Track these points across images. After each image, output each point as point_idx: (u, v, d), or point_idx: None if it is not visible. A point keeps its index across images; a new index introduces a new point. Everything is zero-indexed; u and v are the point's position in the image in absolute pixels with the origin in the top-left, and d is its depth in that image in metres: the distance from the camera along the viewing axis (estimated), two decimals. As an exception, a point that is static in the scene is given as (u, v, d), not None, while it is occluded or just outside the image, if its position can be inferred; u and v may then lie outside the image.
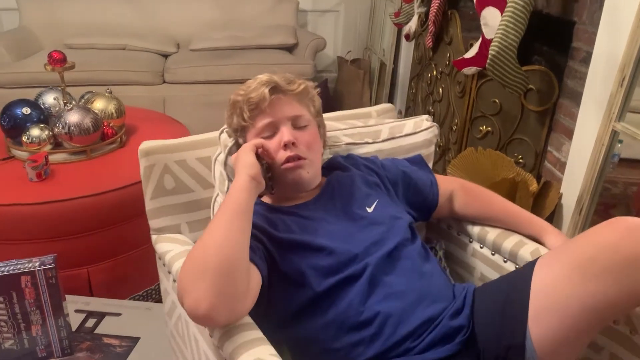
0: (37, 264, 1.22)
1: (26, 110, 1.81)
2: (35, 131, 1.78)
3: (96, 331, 1.41)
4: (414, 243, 1.03)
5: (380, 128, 1.28)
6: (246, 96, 1.04)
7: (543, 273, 0.87)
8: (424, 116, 1.34)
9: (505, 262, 1.12)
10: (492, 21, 1.63)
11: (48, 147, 1.79)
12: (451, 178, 1.27)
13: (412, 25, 2.52)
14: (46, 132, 1.79)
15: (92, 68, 2.95)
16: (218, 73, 3.11)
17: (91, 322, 1.44)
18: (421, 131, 1.30)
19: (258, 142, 1.01)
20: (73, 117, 1.78)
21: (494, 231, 1.15)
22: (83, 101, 2.01)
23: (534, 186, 1.67)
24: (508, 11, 1.51)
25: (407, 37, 2.63)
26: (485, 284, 1.03)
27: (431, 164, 1.32)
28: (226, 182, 1.08)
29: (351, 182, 1.09)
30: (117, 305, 1.54)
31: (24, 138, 1.77)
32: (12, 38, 3.25)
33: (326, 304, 0.92)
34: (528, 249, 1.07)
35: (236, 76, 3.04)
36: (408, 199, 1.16)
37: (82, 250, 1.64)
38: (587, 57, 1.49)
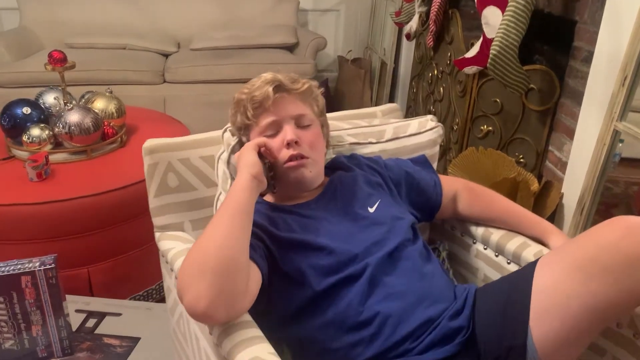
0: (38, 264, 1.22)
1: (26, 109, 1.81)
2: (35, 131, 1.78)
3: (96, 331, 1.41)
4: (416, 243, 1.03)
5: (384, 128, 1.28)
6: (250, 94, 1.04)
7: (544, 273, 0.87)
8: (429, 116, 1.33)
9: (508, 264, 1.12)
10: (493, 20, 1.63)
11: (48, 147, 1.79)
12: (455, 178, 1.27)
13: (413, 24, 2.52)
14: (46, 132, 1.79)
15: (93, 68, 2.95)
16: (219, 72, 3.11)
17: (91, 322, 1.44)
18: (426, 131, 1.30)
19: (261, 141, 1.01)
20: (73, 117, 1.78)
21: (498, 232, 1.15)
22: (83, 101, 2.01)
23: (535, 186, 1.66)
24: (509, 10, 1.51)
25: (408, 37, 2.63)
26: (486, 285, 1.03)
27: (435, 165, 1.31)
28: (229, 181, 1.08)
29: (353, 182, 1.09)
30: (118, 305, 1.54)
31: (25, 138, 1.77)
32: (13, 37, 3.24)
33: (326, 304, 0.92)
34: (532, 251, 1.07)
35: (237, 76, 3.05)
36: (411, 199, 1.16)
37: (83, 250, 1.64)
38: (589, 57, 1.49)
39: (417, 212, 1.15)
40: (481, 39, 1.74)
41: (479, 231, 1.18)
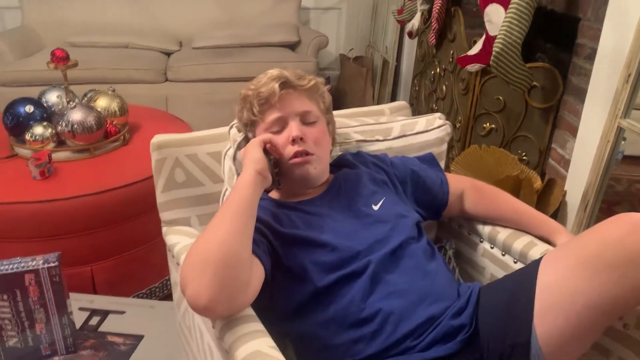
0: (41, 262, 1.22)
1: (29, 108, 1.81)
2: (38, 129, 1.78)
3: (100, 329, 1.41)
4: (420, 241, 1.03)
5: (391, 126, 1.27)
6: (256, 90, 1.04)
7: (548, 270, 0.87)
8: (437, 114, 1.32)
9: (515, 263, 1.12)
10: (496, 18, 1.63)
11: (51, 145, 1.80)
12: (462, 177, 1.26)
13: (415, 22, 2.52)
14: (49, 130, 1.79)
15: (95, 66, 2.95)
16: (220, 71, 3.11)
17: (95, 320, 1.44)
18: (433, 129, 1.29)
19: (266, 137, 1.01)
20: (76, 115, 1.78)
21: (505, 231, 1.14)
22: (86, 99, 2.01)
23: (538, 183, 1.66)
24: (512, 8, 1.51)
25: (410, 35, 2.63)
26: (490, 283, 1.03)
27: (443, 163, 1.31)
28: (235, 177, 1.09)
29: (358, 180, 1.09)
30: (121, 303, 1.54)
31: (27, 136, 1.78)
32: (15, 36, 3.25)
33: (327, 300, 0.93)
34: (538, 250, 1.06)
35: (239, 74, 3.05)
36: (417, 198, 1.16)
37: (86, 248, 1.64)
38: (592, 54, 1.48)
39: (423, 211, 1.15)
40: (484, 37, 1.73)
41: (486, 230, 1.18)
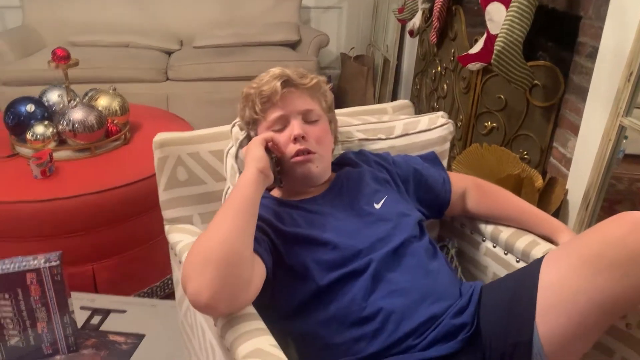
0: (43, 261, 1.22)
1: (30, 107, 1.81)
2: (39, 128, 1.78)
3: (101, 328, 1.41)
4: (422, 240, 1.03)
5: (394, 124, 1.27)
6: (258, 89, 1.05)
7: (550, 269, 0.86)
8: (440, 113, 1.32)
9: (517, 262, 1.11)
10: (497, 16, 1.63)
11: (52, 145, 1.80)
12: (464, 176, 1.26)
13: (416, 21, 2.51)
14: (50, 130, 1.79)
15: (96, 65, 2.95)
16: (221, 70, 3.11)
17: (96, 319, 1.44)
18: (436, 128, 1.29)
19: (268, 136, 1.01)
20: (77, 115, 1.78)
21: (507, 230, 1.14)
22: (87, 98, 2.01)
23: (539, 182, 1.66)
24: (513, 6, 1.50)
25: (411, 33, 2.62)
26: (492, 282, 1.02)
27: (445, 162, 1.30)
28: (237, 175, 1.09)
29: (360, 178, 1.09)
30: (122, 302, 1.54)
31: (28, 135, 1.78)
32: (16, 36, 3.25)
33: (329, 299, 0.93)
34: (541, 249, 1.06)
35: (239, 73, 3.04)
36: (419, 196, 1.16)
37: (87, 247, 1.64)
38: (594, 52, 1.48)
39: (425, 209, 1.15)
40: (485, 35, 1.73)
41: (489, 229, 1.18)
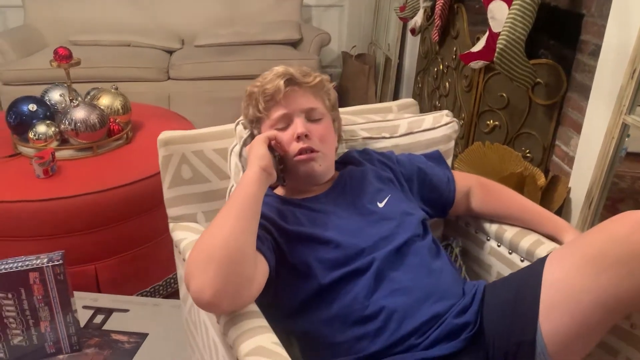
0: (45, 261, 1.22)
1: (32, 107, 1.81)
2: (41, 128, 1.78)
3: (104, 327, 1.42)
4: (425, 239, 1.02)
5: (398, 123, 1.27)
6: (262, 87, 1.05)
7: (554, 268, 0.86)
8: (444, 111, 1.32)
9: (522, 261, 1.11)
10: (499, 14, 1.62)
11: (54, 144, 1.80)
12: (469, 175, 1.25)
13: (418, 19, 2.51)
14: (52, 129, 1.79)
15: (97, 65, 2.95)
16: (223, 69, 3.11)
17: (99, 319, 1.45)
18: (440, 126, 1.28)
19: (271, 134, 1.01)
20: (79, 114, 1.78)
21: (512, 230, 1.14)
22: (89, 97, 2.01)
23: (542, 180, 1.66)
24: (515, 4, 1.50)
25: (413, 32, 2.62)
26: (495, 281, 1.02)
27: (450, 161, 1.30)
28: (241, 173, 1.09)
29: (363, 177, 1.09)
30: (125, 301, 1.54)
31: (31, 135, 1.78)
32: (18, 35, 3.25)
33: (331, 297, 0.93)
34: (545, 248, 1.06)
35: (241, 72, 3.04)
36: (423, 195, 1.15)
37: (89, 246, 1.64)
38: (596, 50, 1.48)
39: (429, 208, 1.15)
40: (487, 33, 1.73)
41: (493, 228, 1.18)
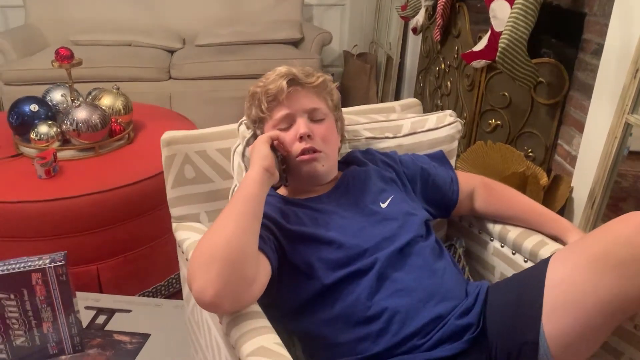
0: (48, 261, 1.22)
1: (34, 107, 1.81)
2: (43, 128, 1.78)
3: (107, 328, 1.42)
4: (428, 240, 1.02)
5: (401, 123, 1.26)
6: (265, 87, 1.05)
7: (557, 269, 0.86)
8: (448, 111, 1.31)
9: (525, 262, 1.11)
10: (501, 13, 1.62)
11: (56, 144, 1.80)
12: (472, 175, 1.25)
13: (420, 18, 2.51)
14: (54, 129, 1.79)
15: (98, 65, 2.95)
16: (224, 69, 3.10)
17: (101, 319, 1.45)
18: (444, 126, 1.28)
19: (274, 134, 1.01)
20: (81, 114, 1.78)
21: (515, 230, 1.14)
22: (90, 98, 2.01)
23: (544, 180, 1.65)
24: (517, 3, 1.50)
25: (414, 31, 2.62)
26: (498, 282, 1.02)
27: (453, 161, 1.30)
28: (244, 173, 1.09)
29: (366, 177, 1.08)
30: (127, 301, 1.54)
31: (32, 135, 1.78)
32: (19, 35, 3.25)
33: (334, 297, 0.92)
34: (549, 249, 1.05)
35: (242, 72, 3.04)
36: (426, 196, 1.15)
37: (91, 247, 1.64)
38: (599, 49, 1.47)
39: (433, 209, 1.15)
40: (489, 33, 1.72)
41: (496, 229, 1.17)
